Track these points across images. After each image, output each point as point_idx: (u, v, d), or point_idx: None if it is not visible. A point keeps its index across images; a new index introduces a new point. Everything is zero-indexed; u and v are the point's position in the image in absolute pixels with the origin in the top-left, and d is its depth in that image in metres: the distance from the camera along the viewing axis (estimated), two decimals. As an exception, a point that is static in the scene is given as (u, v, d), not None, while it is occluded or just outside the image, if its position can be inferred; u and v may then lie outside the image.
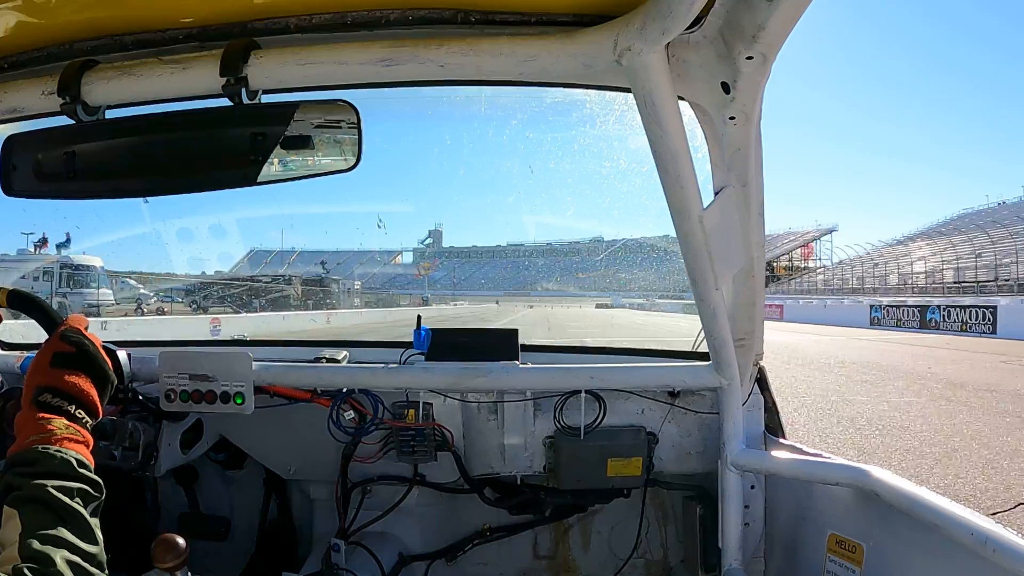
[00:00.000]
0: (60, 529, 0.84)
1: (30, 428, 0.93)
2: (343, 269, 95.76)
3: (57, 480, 0.88)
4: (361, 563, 1.70)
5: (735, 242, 1.22)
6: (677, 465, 1.77)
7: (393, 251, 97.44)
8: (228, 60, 0.90)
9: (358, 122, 1.04)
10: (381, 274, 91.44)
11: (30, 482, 0.87)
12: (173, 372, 1.57)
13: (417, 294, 74.04)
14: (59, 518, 0.85)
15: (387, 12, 0.95)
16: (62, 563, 0.81)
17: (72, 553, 0.83)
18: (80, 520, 0.87)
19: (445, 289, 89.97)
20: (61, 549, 0.82)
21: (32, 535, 0.82)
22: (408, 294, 73.83)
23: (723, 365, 1.49)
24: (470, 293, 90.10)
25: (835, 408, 8.62)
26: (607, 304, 60.32)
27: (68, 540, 0.84)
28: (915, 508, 1.10)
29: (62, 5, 0.89)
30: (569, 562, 2.09)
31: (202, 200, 14.50)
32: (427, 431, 1.68)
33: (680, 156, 1.01)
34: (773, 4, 0.78)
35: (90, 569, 0.84)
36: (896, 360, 15.19)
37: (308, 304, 34.20)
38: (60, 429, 0.93)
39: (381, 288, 78.73)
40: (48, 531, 0.83)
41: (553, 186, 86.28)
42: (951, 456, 6.21)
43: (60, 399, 0.96)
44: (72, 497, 0.88)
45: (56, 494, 0.87)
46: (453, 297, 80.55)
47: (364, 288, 67.10)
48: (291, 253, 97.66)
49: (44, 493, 0.86)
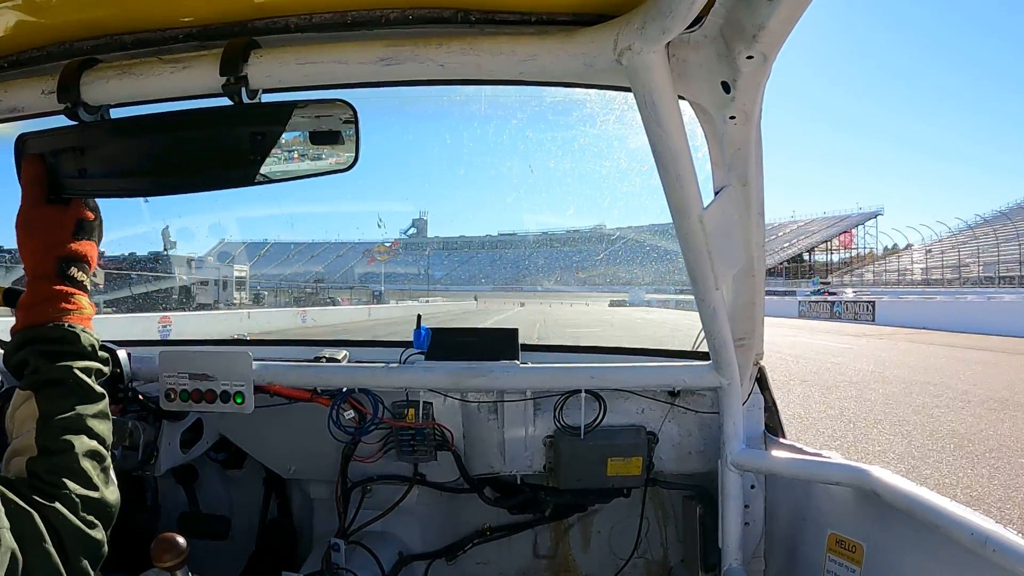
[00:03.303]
0: (79, 410, 0.81)
1: (56, 301, 0.87)
2: (318, 261, 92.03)
3: (83, 361, 0.84)
4: (361, 563, 1.70)
5: (735, 242, 1.22)
6: (677, 465, 1.77)
7: (374, 242, 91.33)
8: (228, 59, 0.90)
9: (356, 121, 1.04)
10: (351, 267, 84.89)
11: (52, 364, 0.83)
12: (173, 371, 1.57)
13: (367, 287, 62.78)
14: (80, 401, 0.82)
15: (387, 11, 0.95)
16: (81, 452, 0.78)
17: (90, 438, 0.80)
18: (99, 401, 0.83)
19: (418, 283, 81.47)
20: (81, 435, 0.79)
21: (51, 421, 0.79)
22: (347, 288, 61.43)
23: (723, 365, 1.49)
24: (454, 288, 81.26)
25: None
26: (623, 301, 54.00)
27: (87, 425, 0.81)
28: (915, 508, 1.10)
29: (62, 5, 0.89)
30: (569, 562, 2.09)
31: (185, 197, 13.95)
32: (427, 431, 1.69)
33: (680, 156, 1.01)
34: (773, 4, 0.78)
35: (104, 452, 0.81)
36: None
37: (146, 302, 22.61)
38: (86, 308, 0.89)
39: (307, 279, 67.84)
40: (67, 414, 0.80)
41: (553, 185, 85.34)
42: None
43: (85, 273, 0.91)
44: (92, 377, 0.85)
45: (81, 376, 0.83)
46: (427, 292, 71.44)
47: (269, 278, 54.73)
48: (263, 245, 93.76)
49: (69, 375, 0.82)
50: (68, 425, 0.80)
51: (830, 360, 14.04)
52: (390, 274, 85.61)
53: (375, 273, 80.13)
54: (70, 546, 0.74)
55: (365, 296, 53.63)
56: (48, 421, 0.79)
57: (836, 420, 7.70)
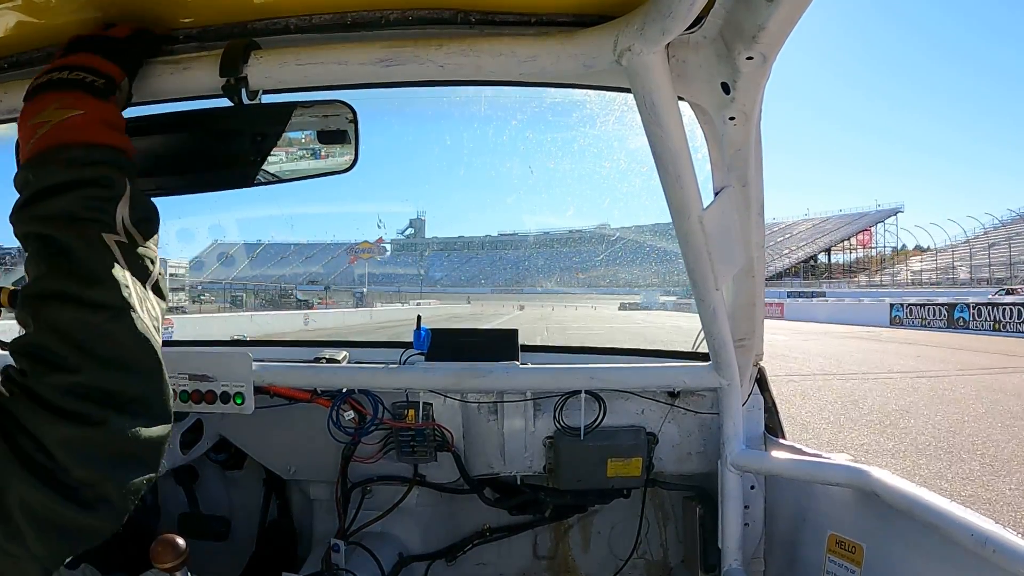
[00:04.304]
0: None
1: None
2: (312, 263, 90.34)
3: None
4: (361, 563, 1.70)
5: (735, 242, 1.22)
6: (677, 465, 1.77)
7: (370, 242, 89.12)
8: (228, 60, 0.90)
9: (355, 123, 1.04)
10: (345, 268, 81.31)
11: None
12: (173, 372, 1.57)
13: (347, 288, 57.42)
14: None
15: (387, 12, 0.95)
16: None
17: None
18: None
19: (411, 285, 77.73)
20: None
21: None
22: (312, 290, 54.04)
23: (723, 365, 1.49)
24: (452, 290, 79.60)
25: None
26: (636, 304, 50.20)
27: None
28: (915, 508, 1.10)
29: (62, 5, 0.89)
30: (569, 562, 2.09)
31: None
32: (427, 431, 1.69)
33: (680, 156, 1.01)
34: (773, 4, 0.78)
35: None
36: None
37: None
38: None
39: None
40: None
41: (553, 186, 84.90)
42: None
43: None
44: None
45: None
46: (420, 295, 67.09)
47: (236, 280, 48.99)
48: (256, 246, 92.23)
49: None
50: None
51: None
52: (386, 275, 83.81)
53: (362, 273, 77.57)
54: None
55: (346, 298, 49.80)
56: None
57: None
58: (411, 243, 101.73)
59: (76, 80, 0.77)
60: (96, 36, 0.85)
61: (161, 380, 0.72)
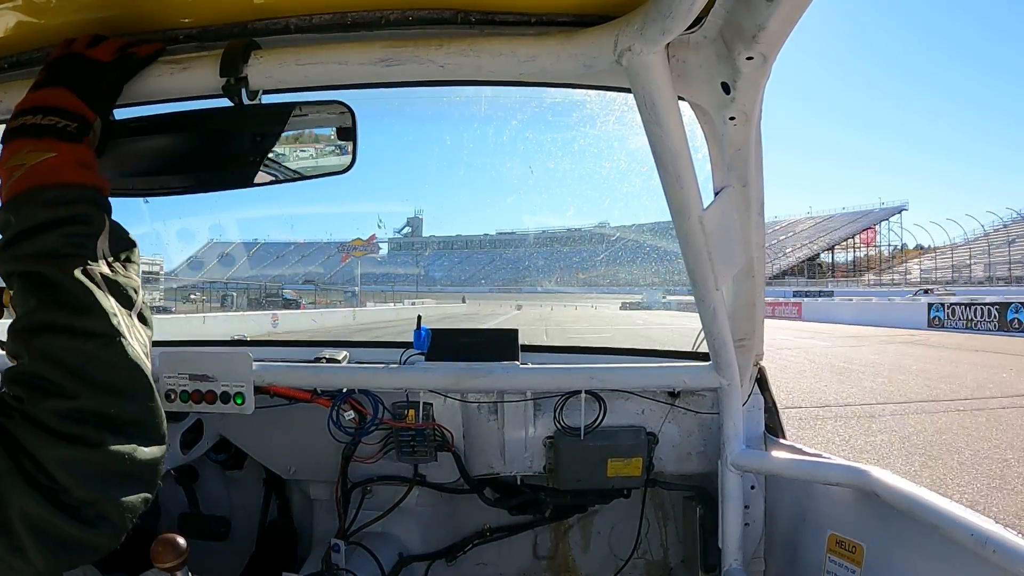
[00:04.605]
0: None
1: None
2: (308, 262, 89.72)
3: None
4: (361, 563, 1.70)
5: (735, 242, 1.22)
6: (677, 465, 1.77)
7: (362, 239, 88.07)
8: (228, 60, 0.90)
9: (354, 123, 1.04)
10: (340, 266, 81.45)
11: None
12: (173, 372, 1.57)
13: (338, 287, 56.25)
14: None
15: (387, 12, 0.95)
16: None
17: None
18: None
19: (406, 284, 77.11)
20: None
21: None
22: (305, 290, 52.20)
23: (723, 365, 1.49)
24: (450, 290, 78.64)
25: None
26: (638, 303, 48.55)
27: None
28: (915, 508, 1.10)
29: (62, 6, 0.89)
30: (569, 562, 2.09)
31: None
32: (427, 431, 1.69)
33: (680, 156, 1.01)
34: (773, 4, 0.78)
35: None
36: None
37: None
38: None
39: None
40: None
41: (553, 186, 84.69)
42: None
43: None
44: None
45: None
46: (416, 294, 66.84)
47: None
48: (253, 245, 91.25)
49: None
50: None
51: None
52: (383, 274, 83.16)
53: (360, 272, 77.29)
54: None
55: (337, 297, 48.04)
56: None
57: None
58: (408, 242, 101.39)
59: (48, 126, 0.78)
60: (77, 60, 0.86)
61: (154, 403, 0.74)
